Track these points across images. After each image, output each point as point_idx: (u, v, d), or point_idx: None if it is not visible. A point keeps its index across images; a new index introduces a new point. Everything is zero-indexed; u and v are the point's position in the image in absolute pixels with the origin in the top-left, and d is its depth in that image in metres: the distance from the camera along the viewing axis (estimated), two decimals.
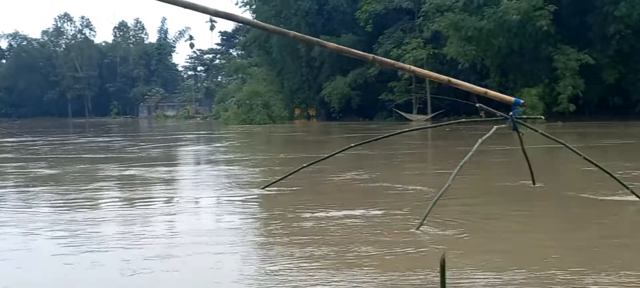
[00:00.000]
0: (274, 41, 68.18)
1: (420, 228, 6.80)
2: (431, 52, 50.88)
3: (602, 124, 35.54)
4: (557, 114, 41.20)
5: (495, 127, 9.57)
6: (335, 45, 9.71)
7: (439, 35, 49.84)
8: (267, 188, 10.52)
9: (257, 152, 23.29)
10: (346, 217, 7.82)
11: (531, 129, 10.53)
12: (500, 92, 36.89)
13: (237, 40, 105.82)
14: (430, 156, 20.76)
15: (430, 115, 53.53)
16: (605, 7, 40.71)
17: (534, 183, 10.47)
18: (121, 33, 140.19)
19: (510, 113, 9.52)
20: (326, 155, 12.27)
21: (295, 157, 17.81)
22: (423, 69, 50.48)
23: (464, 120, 20.11)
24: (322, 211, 8.31)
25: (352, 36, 60.33)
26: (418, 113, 55.38)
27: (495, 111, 9.97)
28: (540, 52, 42.98)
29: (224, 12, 8.79)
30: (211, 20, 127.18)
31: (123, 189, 11.69)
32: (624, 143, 22.57)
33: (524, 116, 11.00)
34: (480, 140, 8.78)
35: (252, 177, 12.84)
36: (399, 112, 55.36)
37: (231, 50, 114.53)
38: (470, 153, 8.35)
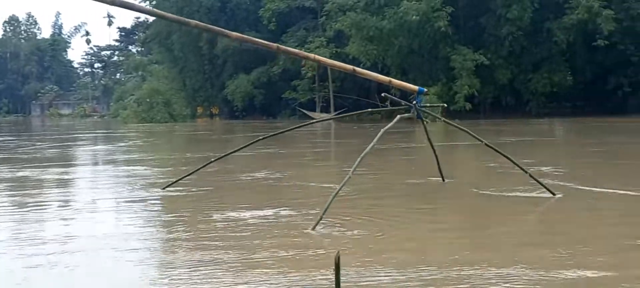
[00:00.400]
0: (176, 38, 66.79)
1: (317, 229, 6.69)
2: (334, 51, 51.32)
3: (497, 123, 37.03)
4: (454, 112, 42.58)
5: (398, 116, 9.59)
6: (238, 34, 9.48)
7: (342, 35, 50.41)
8: (169, 189, 10.16)
9: (160, 151, 22.67)
10: (251, 217, 7.64)
11: (435, 116, 10.67)
12: (401, 91, 37.50)
13: (136, 37, 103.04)
14: (339, 154, 20.87)
15: (333, 114, 54.04)
16: (499, 10, 42.47)
17: (443, 180, 10.64)
18: (12, 28, 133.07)
19: (414, 102, 9.56)
20: (227, 153, 11.98)
21: (201, 156, 17.37)
22: (327, 67, 50.75)
23: (369, 110, 20.24)
24: (226, 212, 8.09)
25: (255, 34, 59.71)
26: (321, 111, 55.80)
27: (400, 100, 10.04)
28: (439, 52, 44.32)
29: (121, 1, 8.38)
30: (109, 16, 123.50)
31: (15, 192, 11.00)
32: (519, 140, 23.53)
33: (428, 105, 11.10)
34: (382, 130, 8.81)
35: (155, 178, 12.40)
36: (303, 110, 55.57)
37: (130, 47, 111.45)
38: (372, 143, 8.32)
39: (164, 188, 10.21)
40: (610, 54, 42.91)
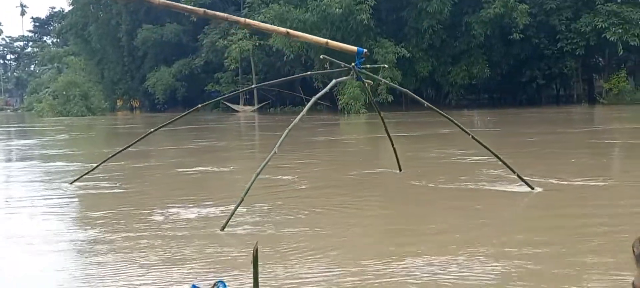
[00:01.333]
0: (93, 29, 64.76)
1: (226, 229, 6.51)
2: (257, 43, 50.99)
3: (419, 114, 37.61)
4: (377, 104, 43.08)
5: (334, 80, 9.54)
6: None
7: None
8: (84, 185, 9.81)
9: (79, 146, 21.87)
10: (165, 215, 7.44)
11: (375, 78, 10.57)
12: (325, 84, 37.80)
13: (51, 27, 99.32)
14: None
15: (256, 106, 53.77)
16: (420, 3, 43.17)
17: (400, 170, 10.69)
18: None
19: (353, 64, 9.52)
20: (123, 148, 11.49)
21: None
22: (250, 60, 50.26)
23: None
24: (143, 209, 7.85)
25: (177, 26, 58.93)
26: (245, 104, 55.38)
27: (340, 62, 9.97)
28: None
29: None
30: (22, 5, 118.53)
31: None
32: (446, 133, 23.95)
33: (368, 65, 10.93)
34: (314, 98, 8.77)
35: (68, 174, 11.91)
36: (226, 103, 54.99)
37: (45, 38, 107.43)
38: (301, 114, 8.34)
39: (71, 183, 9.91)
40: (525, 47, 44.42)
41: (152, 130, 10.96)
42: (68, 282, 4.94)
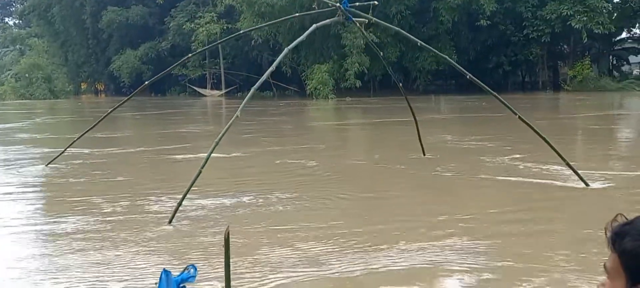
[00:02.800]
0: (57, 10, 63.41)
1: (173, 223, 6.44)
2: (225, 27, 50.48)
3: (387, 99, 37.75)
4: (345, 89, 43.10)
5: (314, 25, 9.40)
6: None
7: (233, 10, 49.63)
8: (51, 165, 9.73)
9: (46, 130, 21.46)
10: (111, 210, 7.33)
11: (366, 17, 10.42)
12: (293, 68, 37.42)
13: (13, 8, 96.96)
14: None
15: (224, 91, 53.33)
16: None
17: (424, 154, 10.71)
18: None
19: (339, 3, 9.40)
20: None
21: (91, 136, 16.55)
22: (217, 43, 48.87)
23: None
24: (98, 200, 7.74)
25: (143, 8, 58.00)
26: (212, 88, 54.90)
27: (328, 1, 9.84)
28: (330, 29, 44.49)
29: None
30: None
31: None
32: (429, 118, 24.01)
33: (356, 3, 10.73)
34: (287, 48, 8.71)
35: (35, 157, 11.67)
36: (193, 87, 54.50)
37: (7, 19, 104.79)
38: (263, 77, 8.33)
39: (46, 164, 9.94)
40: (492, 34, 44.76)
41: (110, 110, 10.82)
42: (35, 273, 4.84)
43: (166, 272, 4.19)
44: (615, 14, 44.43)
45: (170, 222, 6.42)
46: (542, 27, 42.97)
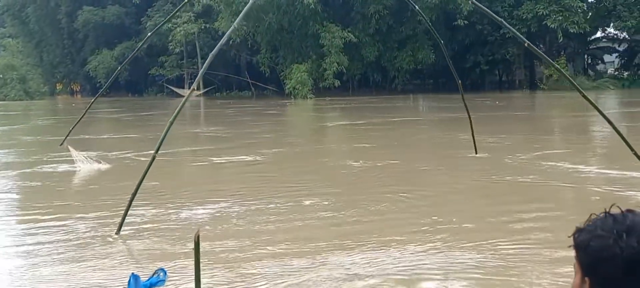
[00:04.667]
0: (31, 10, 62.60)
1: (120, 233, 6.27)
2: (203, 26, 50.21)
3: (368, 100, 37.79)
4: (324, 89, 43.09)
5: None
6: None
7: (211, 9, 49.38)
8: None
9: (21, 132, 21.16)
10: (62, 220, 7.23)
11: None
12: (271, 68, 37.41)
13: None
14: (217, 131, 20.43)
15: (202, 91, 52.97)
16: None
17: (476, 152, 10.74)
18: None
19: None
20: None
21: (77, 137, 16.36)
22: (195, 43, 48.94)
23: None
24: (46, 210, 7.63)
25: (119, 8, 57.50)
26: (190, 88, 54.51)
27: None
28: (308, 29, 44.49)
29: None
30: None
31: None
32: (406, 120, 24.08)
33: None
34: (211, 54, 8.61)
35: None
36: (170, 87, 54.09)
37: None
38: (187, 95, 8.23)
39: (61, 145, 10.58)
40: (469, 33, 45.05)
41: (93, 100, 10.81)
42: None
43: (135, 277, 4.11)
44: (590, 14, 44.97)
45: (117, 232, 6.22)
46: (518, 27, 43.24)
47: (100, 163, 10.91)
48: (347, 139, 16.60)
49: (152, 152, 6.69)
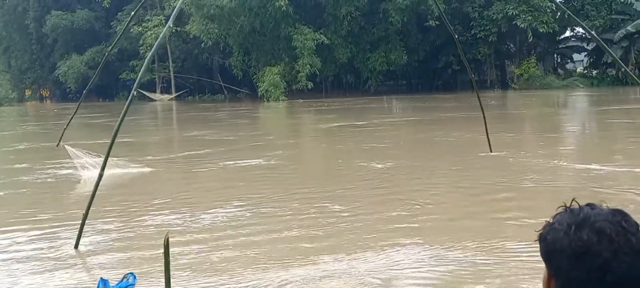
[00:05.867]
0: None
1: (79, 247, 6.07)
2: (174, 30, 49.77)
3: (341, 101, 37.78)
4: (298, 91, 42.99)
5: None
6: None
7: (182, 13, 48.97)
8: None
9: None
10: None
11: None
12: (244, 71, 37.16)
13: None
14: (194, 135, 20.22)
15: (174, 94, 52.60)
16: None
17: (491, 150, 10.86)
18: None
19: None
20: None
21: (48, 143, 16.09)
22: (167, 47, 48.48)
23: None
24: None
25: (88, 12, 56.83)
26: (162, 93, 54.07)
27: None
28: (280, 31, 44.38)
29: None
30: None
31: None
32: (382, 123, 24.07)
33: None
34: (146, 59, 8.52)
35: None
36: (142, 91, 53.51)
37: None
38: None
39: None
40: (440, 34, 45.31)
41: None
42: None
43: (103, 281, 4.03)
44: (558, 14, 45.52)
45: (75, 246, 6.03)
46: (488, 27, 43.77)
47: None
48: (325, 142, 16.56)
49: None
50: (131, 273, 4.38)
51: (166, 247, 3.03)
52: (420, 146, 14.45)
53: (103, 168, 6.46)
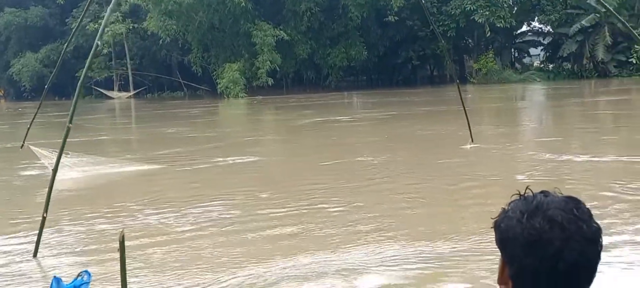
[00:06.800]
0: None
1: (37, 255, 5.86)
2: (131, 27, 49.03)
3: (303, 97, 37.69)
4: (258, 87, 42.74)
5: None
6: None
7: (139, 9, 48.30)
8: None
9: None
10: None
11: None
12: (203, 67, 36.91)
13: None
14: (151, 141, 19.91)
15: (132, 92, 51.80)
16: None
17: (472, 140, 11.25)
18: None
19: None
20: None
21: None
22: (124, 44, 47.77)
23: None
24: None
25: (42, 9, 55.57)
26: (120, 90, 53.21)
27: None
28: (240, 28, 44.05)
29: None
30: None
31: None
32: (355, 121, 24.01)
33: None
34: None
35: None
36: (100, 89, 52.65)
37: None
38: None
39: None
40: (400, 29, 45.58)
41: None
42: None
43: (57, 279, 3.89)
44: (515, 8, 46.17)
45: (34, 255, 5.82)
46: (447, 22, 44.15)
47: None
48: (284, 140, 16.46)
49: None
50: (86, 271, 4.25)
51: (121, 244, 3.00)
52: (402, 141, 14.44)
53: (56, 168, 6.24)
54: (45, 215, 5.89)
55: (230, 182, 9.40)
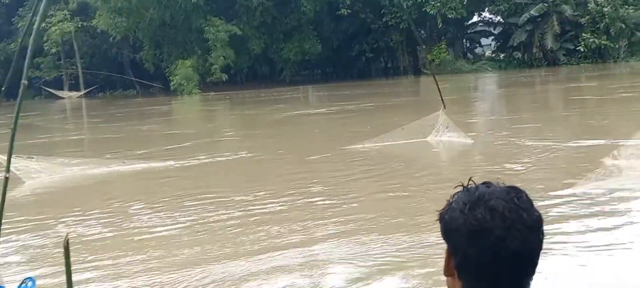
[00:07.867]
0: None
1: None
2: (80, 25, 48.03)
3: (259, 92, 37.46)
4: (212, 84, 42.37)
5: None
6: None
7: (87, 7, 47.35)
8: None
9: None
10: None
11: None
12: (156, 65, 36.43)
13: None
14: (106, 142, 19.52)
15: (83, 91, 50.72)
16: None
17: (444, 107, 12.01)
18: None
19: None
20: None
21: None
22: (73, 42, 46.81)
23: None
24: None
25: None
26: (70, 90, 52.03)
27: None
28: (192, 24, 43.57)
29: None
30: None
31: None
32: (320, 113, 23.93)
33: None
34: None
35: None
36: (49, 89, 51.39)
37: None
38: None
39: None
40: (353, 23, 45.72)
41: None
42: None
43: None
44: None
45: None
46: (399, 14, 44.41)
47: None
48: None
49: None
50: (30, 277, 4.13)
51: (66, 247, 2.95)
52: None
53: (7, 171, 6.01)
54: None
55: (185, 184, 9.28)
